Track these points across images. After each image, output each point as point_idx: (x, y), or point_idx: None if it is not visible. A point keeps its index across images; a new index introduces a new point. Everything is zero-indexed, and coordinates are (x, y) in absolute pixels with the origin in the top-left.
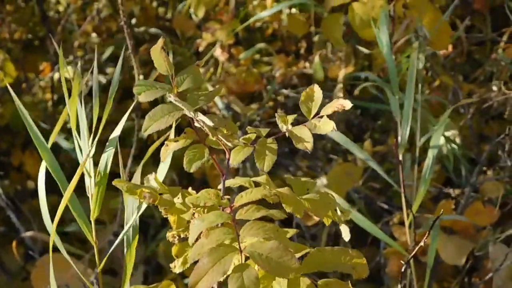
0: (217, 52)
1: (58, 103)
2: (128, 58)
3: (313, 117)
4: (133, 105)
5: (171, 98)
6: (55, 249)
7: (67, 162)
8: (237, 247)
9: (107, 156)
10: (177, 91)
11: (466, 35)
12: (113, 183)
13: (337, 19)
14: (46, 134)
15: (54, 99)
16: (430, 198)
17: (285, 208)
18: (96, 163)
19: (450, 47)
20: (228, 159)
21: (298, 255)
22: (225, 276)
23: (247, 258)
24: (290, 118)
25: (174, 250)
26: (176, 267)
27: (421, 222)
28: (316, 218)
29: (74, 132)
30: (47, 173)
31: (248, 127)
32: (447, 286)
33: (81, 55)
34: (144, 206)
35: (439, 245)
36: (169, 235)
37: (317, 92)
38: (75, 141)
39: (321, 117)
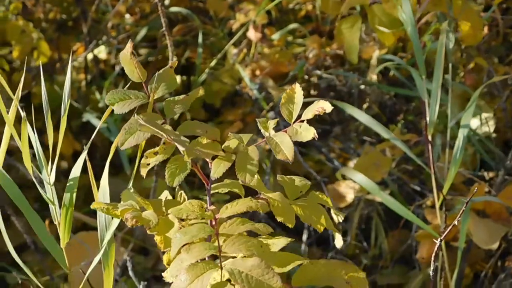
0: (250, 32)
1: (92, 83)
2: (160, 39)
3: (295, 122)
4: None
5: (140, 120)
6: (89, 227)
7: (99, 142)
8: (218, 263)
9: (71, 192)
10: (153, 99)
11: (501, 17)
12: (92, 206)
13: (353, 23)
14: (79, 113)
15: (87, 79)
16: (463, 181)
17: (276, 217)
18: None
19: (485, 29)
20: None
21: (289, 266)
22: None
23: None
24: (272, 123)
25: (165, 259)
26: (169, 275)
27: (454, 205)
28: (349, 200)
29: (28, 166)
30: (77, 155)
31: (230, 133)
32: (479, 270)
33: (115, 36)
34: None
35: (472, 228)
36: (157, 238)
37: (298, 93)
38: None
39: (303, 121)
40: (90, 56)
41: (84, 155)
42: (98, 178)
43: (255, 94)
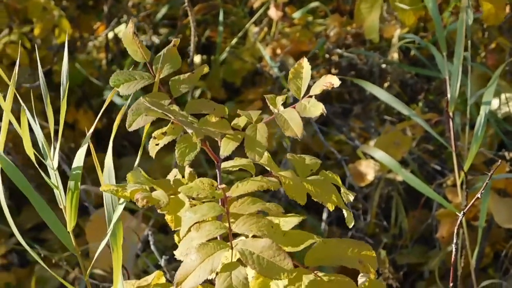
0: (271, 10)
1: (112, 62)
2: (180, 18)
3: (303, 97)
4: None
5: (145, 102)
6: None
7: (122, 121)
8: (228, 243)
9: (76, 176)
10: (159, 79)
11: None
12: (101, 189)
13: (373, 2)
14: (100, 91)
15: (108, 58)
16: (483, 162)
17: (287, 194)
18: None
19: (507, 8)
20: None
21: (302, 245)
22: (213, 274)
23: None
24: (280, 99)
25: (176, 238)
26: (179, 254)
27: (475, 184)
28: (369, 179)
29: (30, 152)
30: (98, 133)
31: (239, 110)
32: (500, 250)
33: (135, 14)
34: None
35: (493, 207)
36: (167, 218)
37: (306, 67)
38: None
39: (311, 97)
40: (110, 35)
41: (89, 136)
42: (119, 157)
43: (275, 72)
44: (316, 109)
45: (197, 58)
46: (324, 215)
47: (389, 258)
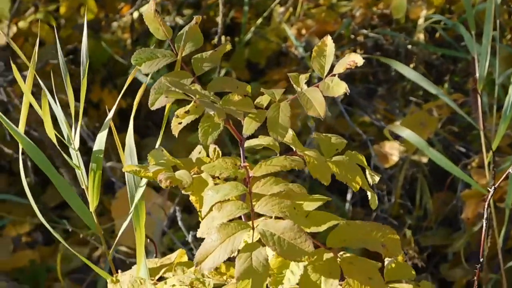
0: None
1: (137, 42)
2: None
3: (326, 76)
4: None
5: (166, 82)
6: None
7: (144, 99)
8: (250, 223)
9: (98, 156)
10: (181, 57)
11: None
12: (123, 170)
13: None
14: (125, 70)
15: (133, 38)
16: (509, 144)
17: (312, 174)
18: None
19: None
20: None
21: (324, 226)
22: (233, 254)
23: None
24: (303, 77)
25: (200, 217)
26: (200, 233)
27: (501, 165)
28: (394, 160)
29: (51, 135)
30: (123, 112)
31: (262, 89)
32: None
33: None
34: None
35: None
36: (192, 198)
37: (330, 45)
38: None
39: (334, 75)
40: (135, 14)
41: (110, 116)
42: (142, 137)
43: (300, 53)
44: (340, 88)
45: (222, 39)
46: (349, 196)
47: (414, 239)
